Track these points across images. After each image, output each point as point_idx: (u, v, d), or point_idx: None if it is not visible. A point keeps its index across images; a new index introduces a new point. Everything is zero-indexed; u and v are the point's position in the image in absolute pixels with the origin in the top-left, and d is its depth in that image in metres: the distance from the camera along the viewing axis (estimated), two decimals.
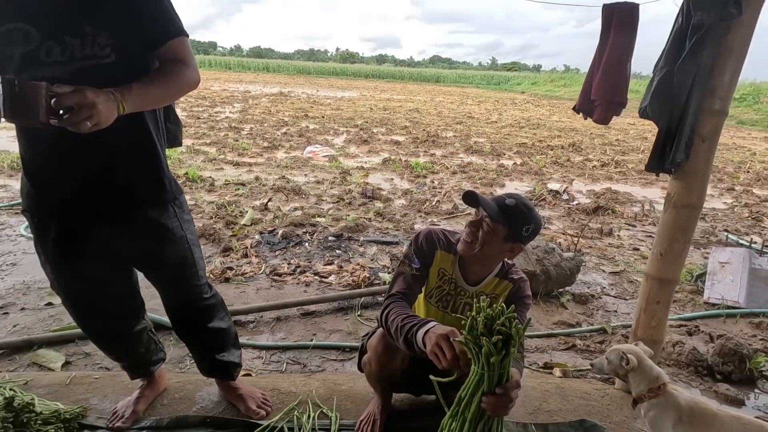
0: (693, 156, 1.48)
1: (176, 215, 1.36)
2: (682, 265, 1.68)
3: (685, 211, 1.57)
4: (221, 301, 1.58)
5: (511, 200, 1.39)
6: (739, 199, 6.42)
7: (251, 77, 34.06)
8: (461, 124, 13.11)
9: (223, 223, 4.10)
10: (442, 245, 1.50)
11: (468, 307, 1.51)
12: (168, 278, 1.43)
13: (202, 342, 1.57)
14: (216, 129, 9.58)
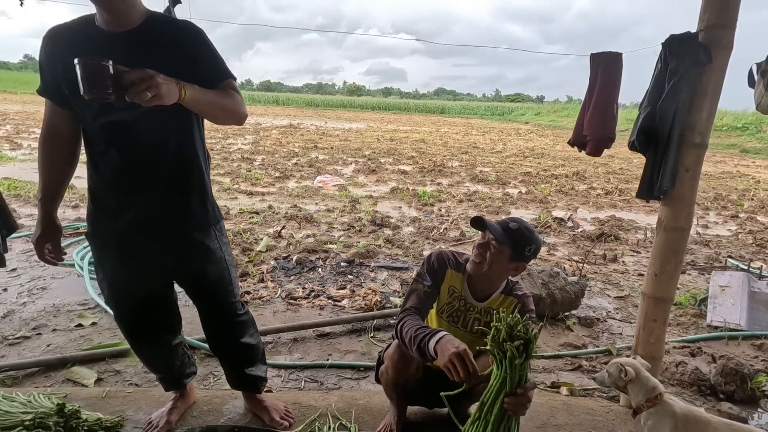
0: (678, 184, 1.64)
1: (217, 238, 1.53)
2: (675, 284, 1.80)
3: (675, 233, 1.71)
4: (252, 318, 1.73)
5: (514, 224, 1.55)
6: (743, 226, 6.50)
7: (261, 110, 35.12)
8: (466, 153, 13.41)
9: (240, 250, 4.27)
10: (451, 265, 1.65)
11: (477, 322, 1.64)
12: (207, 295, 1.59)
13: (233, 356, 1.71)
14: (229, 160, 9.91)
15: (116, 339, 2.56)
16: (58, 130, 1.40)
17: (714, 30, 1.53)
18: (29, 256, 3.87)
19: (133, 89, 1.11)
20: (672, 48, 1.51)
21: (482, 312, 1.64)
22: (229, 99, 1.34)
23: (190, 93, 1.23)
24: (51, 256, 1.46)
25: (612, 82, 1.70)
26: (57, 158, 1.43)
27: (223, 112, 1.35)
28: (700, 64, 1.49)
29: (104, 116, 1.31)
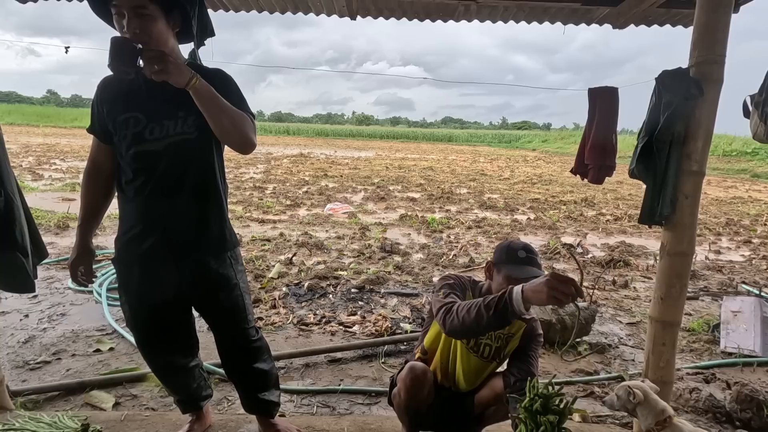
0: (678, 210, 1.70)
1: (232, 266, 1.62)
2: (681, 308, 1.83)
3: (678, 258, 1.76)
4: (266, 344, 1.79)
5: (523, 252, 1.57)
6: (756, 252, 6.43)
7: (272, 140, 35.96)
8: (474, 180, 13.53)
9: (252, 276, 4.35)
10: (469, 288, 1.69)
11: (487, 348, 1.68)
12: (221, 321, 1.66)
13: (247, 381, 1.76)
14: (241, 189, 10.14)
15: (133, 364, 2.62)
16: (100, 165, 1.56)
17: (704, 66, 1.63)
18: (50, 283, 3.99)
19: (146, 60, 1.29)
20: (665, 83, 1.61)
21: (492, 337, 1.68)
22: (239, 115, 1.43)
23: (201, 85, 1.35)
24: (83, 278, 1.57)
25: (610, 115, 1.80)
26: (96, 189, 1.58)
27: (229, 121, 1.40)
28: (692, 97, 1.58)
29: (137, 146, 1.44)
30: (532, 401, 1.32)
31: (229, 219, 1.66)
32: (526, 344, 1.67)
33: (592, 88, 1.84)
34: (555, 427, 1.29)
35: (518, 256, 1.57)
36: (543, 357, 2.95)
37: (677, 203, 1.69)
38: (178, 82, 1.32)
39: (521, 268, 1.55)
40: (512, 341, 1.68)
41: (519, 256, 1.58)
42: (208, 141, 1.50)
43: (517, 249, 1.59)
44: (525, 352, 1.66)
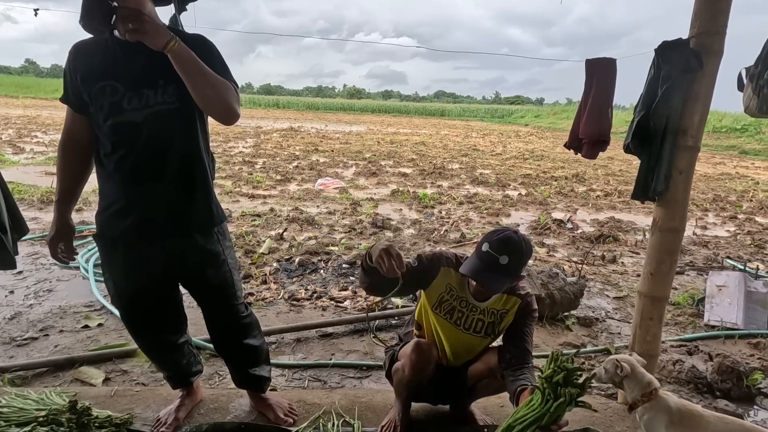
0: (672, 186, 1.69)
1: (219, 241, 1.58)
2: (670, 283, 1.85)
3: (670, 234, 1.76)
4: (256, 320, 1.77)
5: (505, 258, 1.46)
6: (742, 227, 6.54)
7: (262, 113, 35.24)
8: (466, 156, 13.47)
9: (243, 252, 4.32)
10: (450, 264, 1.66)
11: (480, 323, 1.68)
12: (210, 297, 1.63)
13: (237, 356, 1.75)
14: (231, 163, 9.96)
15: (123, 339, 2.61)
16: (76, 137, 1.48)
17: (704, 37, 1.58)
18: (35, 259, 3.92)
19: (121, 17, 1.23)
20: (664, 54, 1.56)
21: (485, 313, 1.67)
22: (221, 82, 1.36)
23: (181, 48, 1.28)
24: (63, 255, 1.52)
25: (607, 87, 1.75)
26: (73, 162, 1.50)
27: (211, 89, 1.32)
28: (691, 70, 1.54)
29: (115, 117, 1.37)
30: (555, 373, 1.35)
31: (215, 193, 1.61)
32: (520, 320, 1.66)
33: (590, 59, 1.79)
34: (574, 399, 1.32)
35: (481, 250, 1.51)
36: None
37: (671, 179, 1.67)
38: (155, 44, 1.24)
39: (474, 264, 1.51)
40: (507, 317, 1.68)
41: (482, 249, 1.51)
42: (191, 111, 1.43)
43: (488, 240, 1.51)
44: (520, 328, 1.66)
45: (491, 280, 1.50)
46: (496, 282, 1.50)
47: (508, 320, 1.68)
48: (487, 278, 1.50)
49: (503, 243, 1.48)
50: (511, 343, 1.65)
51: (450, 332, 1.70)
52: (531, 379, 1.57)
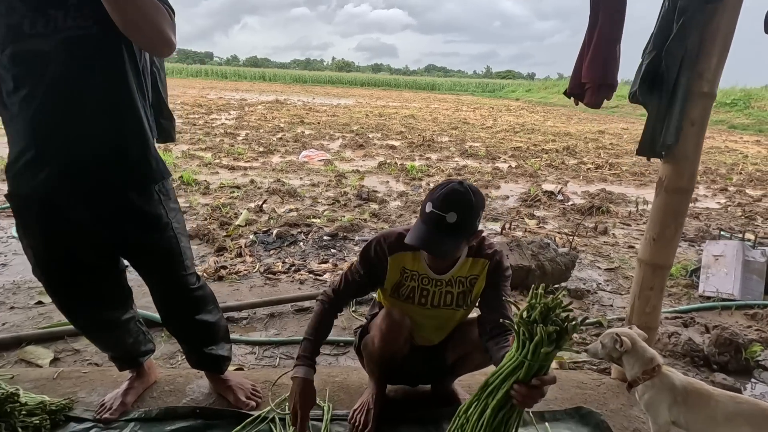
0: (683, 140, 1.49)
1: (161, 202, 1.34)
2: (674, 250, 1.68)
3: (677, 195, 1.57)
4: (211, 293, 1.56)
5: (453, 215, 1.23)
6: (732, 199, 6.46)
7: (247, 86, 34.20)
8: (456, 129, 13.18)
9: (218, 224, 4.08)
10: (397, 248, 1.44)
11: (448, 296, 1.48)
12: (153, 267, 1.41)
13: (189, 334, 1.55)
14: (211, 135, 9.58)
15: None
16: None
17: None
18: None
19: None
20: None
21: (452, 283, 1.47)
22: (150, 2, 1.10)
23: None
24: None
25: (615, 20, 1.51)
26: None
27: (135, 9, 1.08)
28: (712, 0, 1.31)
29: (15, 44, 1.10)
30: (531, 308, 1.12)
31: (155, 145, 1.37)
32: (493, 283, 1.45)
33: None
34: (553, 342, 1.07)
35: (425, 212, 1.26)
36: (520, 304, 2.84)
37: (681, 132, 1.46)
38: None
39: (419, 230, 1.28)
40: (477, 283, 1.47)
41: (426, 211, 1.26)
42: (115, 40, 1.17)
43: (431, 199, 1.26)
44: (494, 292, 1.44)
45: (442, 245, 1.26)
46: (448, 246, 1.26)
47: (480, 286, 1.47)
48: (436, 244, 1.26)
49: (448, 198, 1.24)
50: (488, 311, 1.43)
51: (417, 313, 1.51)
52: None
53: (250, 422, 1.50)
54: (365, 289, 1.54)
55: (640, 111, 9.71)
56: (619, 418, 1.67)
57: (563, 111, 24.85)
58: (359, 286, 1.50)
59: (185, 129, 10.17)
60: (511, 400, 1.13)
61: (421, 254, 1.45)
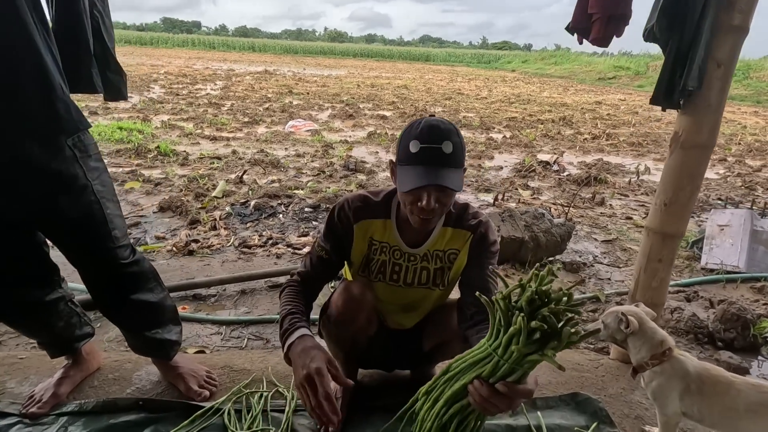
0: (706, 85, 1.26)
1: (76, 158, 1.10)
2: (688, 216, 1.47)
3: (695, 152, 1.35)
4: (150, 269, 1.34)
5: (448, 144, 1.04)
6: (731, 170, 6.29)
7: (236, 56, 33.12)
8: (450, 99, 12.80)
9: (193, 196, 3.83)
10: (364, 214, 1.23)
11: (424, 273, 1.27)
12: (71, 239, 1.18)
13: (126, 317, 1.34)
14: (195, 105, 9.18)
15: None
16: None
17: None
18: None
19: None
20: None
21: (429, 258, 1.26)
22: None
23: None
24: None
25: None
26: None
27: None
28: None
29: None
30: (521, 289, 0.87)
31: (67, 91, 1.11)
32: (476, 259, 1.23)
33: None
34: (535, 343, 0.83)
35: (411, 152, 1.05)
36: (512, 278, 2.66)
37: (705, 74, 1.23)
38: None
39: (411, 172, 1.05)
40: (458, 259, 1.26)
41: (412, 151, 1.05)
42: None
43: (411, 138, 1.06)
44: (477, 271, 1.22)
45: (449, 179, 1.04)
46: (454, 179, 1.05)
47: (460, 262, 1.25)
48: (443, 179, 1.03)
49: (433, 130, 1.06)
50: (469, 292, 1.18)
51: (388, 293, 1.31)
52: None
53: (200, 415, 1.31)
54: (333, 267, 1.30)
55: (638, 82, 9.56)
56: (619, 404, 1.50)
57: (560, 82, 24.34)
58: (326, 265, 1.27)
59: (167, 99, 9.74)
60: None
61: (392, 223, 1.24)
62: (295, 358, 1.06)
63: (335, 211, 1.25)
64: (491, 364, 0.88)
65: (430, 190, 1.05)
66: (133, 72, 14.86)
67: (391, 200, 1.24)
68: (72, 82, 1.22)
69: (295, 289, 1.25)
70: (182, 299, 2.29)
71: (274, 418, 1.33)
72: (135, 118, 7.36)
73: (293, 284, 1.26)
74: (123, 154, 5.12)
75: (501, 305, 0.86)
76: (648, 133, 8.81)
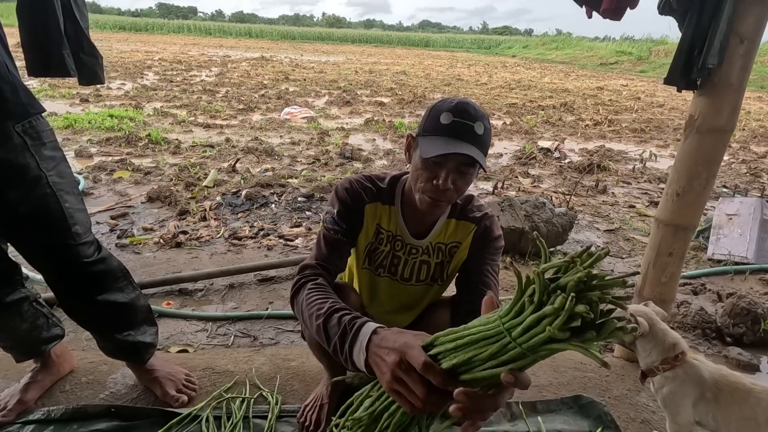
0: (727, 62, 1.14)
1: (27, 147, 0.99)
2: (702, 207, 1.36)
3: (712, 137, 1.24)
4: (119, 267, 1.23)
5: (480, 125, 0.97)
6: (736, 156, 6.16)
7: (232, 42, 32.63)
8: (450, 86, 12.58)
9: (183, 185, 3.72)
10: (371, 196, 1.13)
11: (425, 267, 1.17)
12: (25, 236, 1.07)
13: (93, 319, 1.24)
14: (189, 92, 8.99)
15: None
16: None
17: None
18: None
19: None
20: None
21: (430, 251, 1.16)
22: None
23: None
24: None
25: None
26: None
27: None
28: None
29: None
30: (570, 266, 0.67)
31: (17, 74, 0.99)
32: (478, 254, 1.13)
33: None
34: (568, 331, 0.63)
35: (441, 123, 0.97)
36: (511, 269, 2.56)
37: (727, 50, 1.11)
38: None
39: (439, 141, 0.96)
40: (458, 253, 1.16)
41: (442, 122, 0.97)
42: None
43: (443, 110, 0.98)
44: (478, 267, 1.12)
45: (475, 154, 0.96)
46: (479, 156, 0.97)
47: (461, 256, 1.16)
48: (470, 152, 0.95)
49: (468, 107, 0.98)
50: (467, 290, 1.11)
51: (385, 289, 1.21)
52: None
53: (177, 422, 1.22)
54: (347, 254, 1.15)
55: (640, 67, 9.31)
56: (624, 407, 1.41)
57: (561, 68, 23.99)
58: (343, 250, 1.11)
59: (161, 86, 9.55)
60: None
61: (397, 210, 1.14)
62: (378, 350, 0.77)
63: (344, 189, 1.12)
64: (497, 345, 0.69)
65: (450, 168, 0.97)
66: (127, 59, 14.61)
67: (395, 186, 1.15)
68: (42, 65, 1.11)
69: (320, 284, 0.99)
70: (168, 294, 2.19)
71: (256, 425, 1.24)
72: (127, 105, 7.20)
73: (314, 278, 1.01)
74: (113, 143, 4.98)
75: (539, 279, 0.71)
76: (651, 119, 8.65)
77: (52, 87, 8.22)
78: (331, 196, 1.15)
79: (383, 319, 1.30)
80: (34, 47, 1.07)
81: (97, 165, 4.10)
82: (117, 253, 2.59)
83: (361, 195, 1.12)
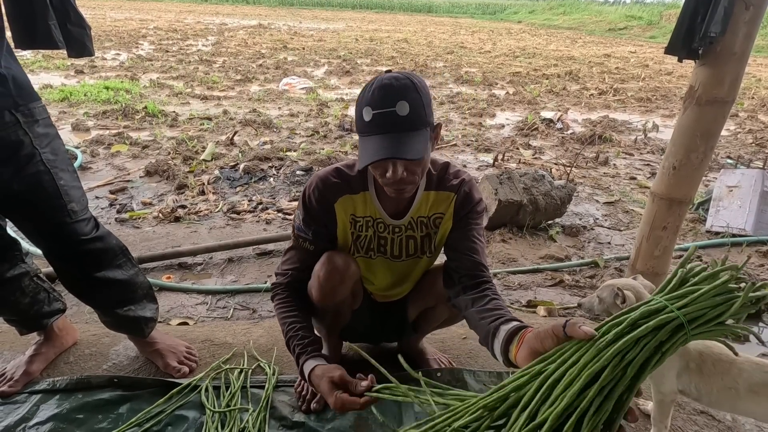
0: (731, 29, 1.10)
1: (20, 124, 0.98)
2: (699, 181, 1.35)
3: (712, 108, 1.21)
4: (117, 244, 1.24)
5: (403, 105, 0.92)
6: (743, 126, 6.05)
7: (229, 9, 31.63)
8: (452, 54, 12.26)
9: (181, 159, 3.70)
10: (338, 191, 1.13)
11: (411, 242, 1.19)
12: (21, 214, 1.08)
13: (93, 295, 1.26)
14: (185, 62, 8.81)
15: None
16: None
17: None
18: None
19: None
20: None
21: (414, 226, 1.17)
22: None
23: None
24: None
25: None
26: None
27: None
28: None
29: None
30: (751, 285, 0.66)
31: (12, 56, 0.98)
32: (461, 220, 1.15)
33: None
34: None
35: (365, 121, 0.95)
36: (509, 243, 2.58)
37: (731, 18, 1.07)
38: None
39: (368, 143, 0.95)
40: (443, 224, 1.18)
41: (366, 120, 0.95)
42: None
43: (364, 105, 0.95)
44: (463, 233, 1.15)
45: (409, 145, 0.93)
46: (415, 144, 0.94)
47: (446, 226, 1.17)
48: (402, 146, 0.93)
49: (384, 90, 0.93)
50: (456, 256, 1.14)
51: (381, 268, 1.23)
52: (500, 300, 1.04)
53: (177, 392, 1.26)
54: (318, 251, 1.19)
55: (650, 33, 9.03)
56: None
57: (568, 34, 23.26)
58: (314, 257, 1.17)
59: (156, 56, 9.35)
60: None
61: (371, 195, 1.14)
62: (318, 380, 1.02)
63: (309, 194, 1.14)
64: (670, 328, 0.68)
65: (392, 162, 0.95)
66: (121, 27, 14.24)
67: (366, 171, 1.13)
68: (27, 36, 1.09)
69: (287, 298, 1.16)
70: (167, 268, 2.22)
71: (254, 394, 1.29)
72: (123, 77, 7.09)
73: (281, 292, 1.18)
74: (110, 116, 4.93)
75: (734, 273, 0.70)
76: (658, 88, 8.45)
77: (46, 58, 8.07)
78: (299, 200, 1.16)
79: (384, 295, 1.33)
80: (18, 17, 1.04)
81: (94, 139, 4.08)
82: (116, 228, 2.61)
83: (328, 195, 1.12)
